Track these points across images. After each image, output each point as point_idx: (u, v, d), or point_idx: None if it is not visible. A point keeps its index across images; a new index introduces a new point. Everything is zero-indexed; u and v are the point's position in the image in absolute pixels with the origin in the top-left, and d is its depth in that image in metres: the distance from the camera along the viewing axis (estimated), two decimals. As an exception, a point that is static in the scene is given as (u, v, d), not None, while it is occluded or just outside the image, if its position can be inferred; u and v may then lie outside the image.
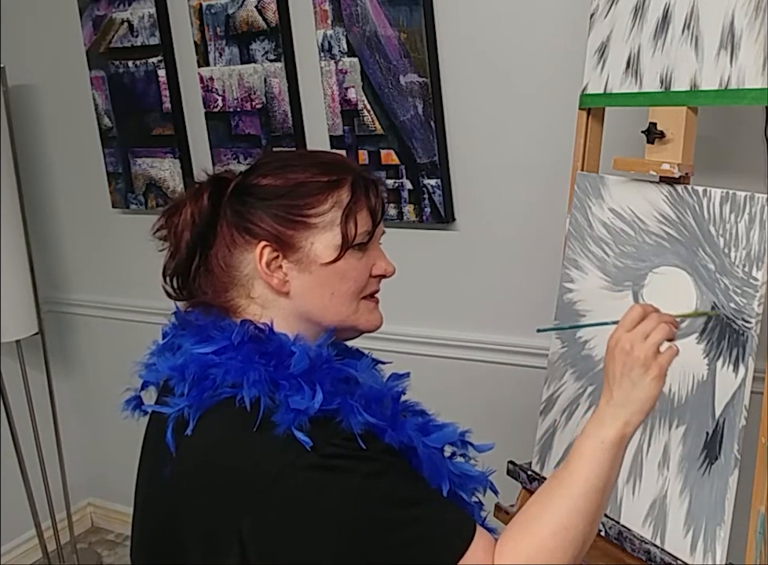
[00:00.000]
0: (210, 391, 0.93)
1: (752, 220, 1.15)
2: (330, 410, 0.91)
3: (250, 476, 0.89)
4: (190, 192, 1.03)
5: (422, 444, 0.97)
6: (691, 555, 1.19)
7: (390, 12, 1.86)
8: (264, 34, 2.06)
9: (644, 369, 0.98)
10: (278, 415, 0.89)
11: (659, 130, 1.27)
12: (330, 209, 1.00)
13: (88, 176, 2.55)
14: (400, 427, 0.97)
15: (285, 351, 0.96)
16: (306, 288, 1.00)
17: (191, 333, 0.99)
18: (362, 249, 1.02)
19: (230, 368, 0.93)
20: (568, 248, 1.48)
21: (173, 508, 0.97)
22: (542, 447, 1.50)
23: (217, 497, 0.92)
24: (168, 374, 0.98)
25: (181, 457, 0.95)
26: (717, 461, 1.18)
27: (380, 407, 0.96)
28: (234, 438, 0.93)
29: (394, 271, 1.07)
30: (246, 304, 1.01)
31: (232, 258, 1.01)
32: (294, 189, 0.99)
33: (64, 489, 2.64)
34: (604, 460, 0.95)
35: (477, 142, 1.88)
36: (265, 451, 0.90)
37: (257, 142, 2.15)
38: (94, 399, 2.82)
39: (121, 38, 2.31)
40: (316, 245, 0.99)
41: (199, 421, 0.93)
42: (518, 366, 1.92)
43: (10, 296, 2.37)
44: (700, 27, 1.24)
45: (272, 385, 0.92)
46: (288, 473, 0.88)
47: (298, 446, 0.88)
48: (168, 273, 1.04)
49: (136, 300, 2.54)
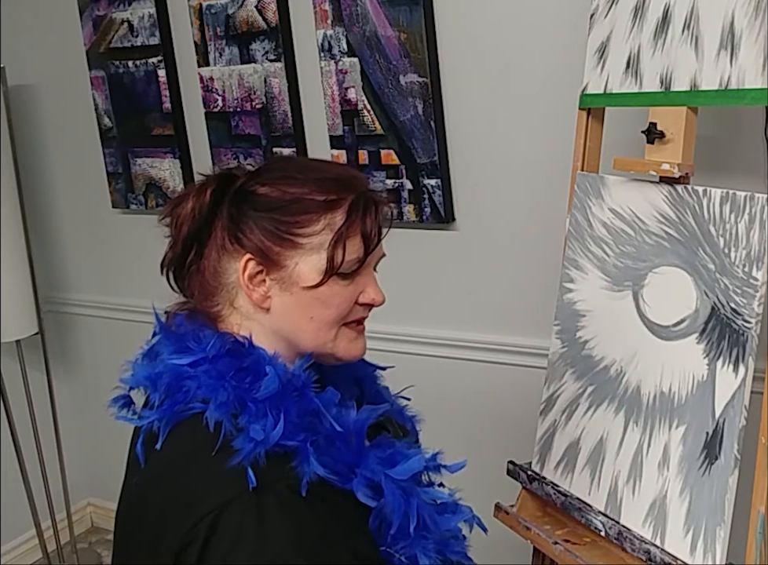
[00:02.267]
0: (182, 405, 0.92)
1: (752, 220, 1.15)
2: (289, 447, 0.89)
3: (196, 500, 0.88)
4: (195, 186, 1.00)
5: (385, 478, 0.93)
6: (691, 555, 1.19)
7: (390, 12, 1.86)
8: (264, 34, 2.06)
9: None
10: (238, 441, 0.88)
11: (659, 130, 1.27)
12: (321, 232, 0.95)
13: (88, 176, 2.55)
14: (364, 463, 0.92)
15: (261, 368, 0.93)
16: (286, 308, 0.97)
17: (169, 341, 0.98)
18: (350, 276, 0.98)
19: (202, 383, 0.91)
20: (568, 248, 1.47)
21: (137, 518, 0.96)
22: (542, 447, 1.50)
23: (164, 514, 0.91)
24: (143, 384, 0.97)
25: (148, 470, 0.95)
26: (717, 461, 1.18)
27: (344, 444, 0.92)
28: (192, 459, 0.92)
29: (383, 302, 1.01)
30: (229, 313, 0.99)
31: (220, 264, 0.98)
32: (288, 204, 0.96)
33: (63, 489, 2.64)
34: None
35: (477, 142, 1.88)
36: (214, 481, 0.88)
37: (257, 142, 2.15)
38: (94, 399, 2.82)
39: (121, 38, 2.31)
40: (301, 266, 0.95)
41: (168, 434, 0.93)
42: (518, 366, 1.92)
43: (10, 296, 2.37)
44: (700, 27, 1.24)
45: (239, 406, 0.90)
46: (224, 516, 0.86)
47: (244, 483, 0.86)
48: (165, 264, 1.03)
49: (136, 300, 2.53)
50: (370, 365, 1.16)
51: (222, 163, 2.22)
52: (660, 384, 1.29)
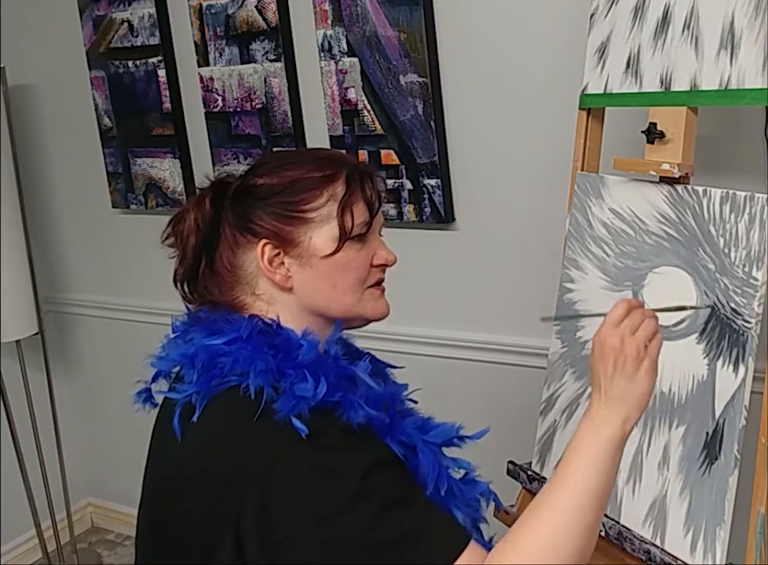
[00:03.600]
0: (218, 379, 0.95)
1: (752, 220, 1.15)
2: (332, 402, 0.93)
3: (245, 462, 0.91)
4: (193, 199, 1.06)
5: (421, 441, 0.98)
6: (691, 555, 1.19)
7: (390, 12, 1.86)
8: (264, 34, 2.06)
9: (637, 363, 0.97)
10: (279, 403, 0.91)
11: (659, 130, 1.27)
12: (326, 203, 1.02)
13: (88, 176, 2.55)
14: (399, 426, 0.97)
15: (293, 343, 0.98)
16: (309, 282, 1.02)
17: (201, 327, 1.02)
18: (361, 240, 1.04)
19: (238, 357, 0.95)
20: (568, 248, 1.48)
21: (175, 494, 0.98)
22: (542, 447, 1.50)
23: (214, 485, 0.93)
24: (179, 362, 1.00)
25: (185, 443, 0.97)
26: (717, 461, 1.18)
27: (379, 408, 0.97)
28: (234, 424, 0.94)
29: (395, 260, 1.08)
30: (252, 302, 1.03)
31: (235, 258, 1.03)
32: (290, 186, 1.02)
33: (63, 489, 2.64)
34: (604, 459, 0.94)
35: (477, 142, 1.88)
36: (261, 438, 0.92)
37: (257, 142, 2.15)
38: (94, 399, 2.82)
39: (121, 38, 2.31)
40: (315, 238, 1.01)
41: (204, 408, 0.95)
42: (518, 366, 1.92)
43: (10, 296, 2.37)
44: (700, 27, 1.24)
45: (277, 375, 0.94)
46: (280, 464, 0.89)
47: (294, 435, 0.89)
48: (178, 279, 1.07)
49: (136, 300, 2.54)
50: (381, 362, 1.18)
51: (222, 163, 2.23)
52: (659, 384, 1.29)
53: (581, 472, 0.93)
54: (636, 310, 1.01)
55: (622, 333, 0.98)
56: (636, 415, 0.97)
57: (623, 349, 0.97)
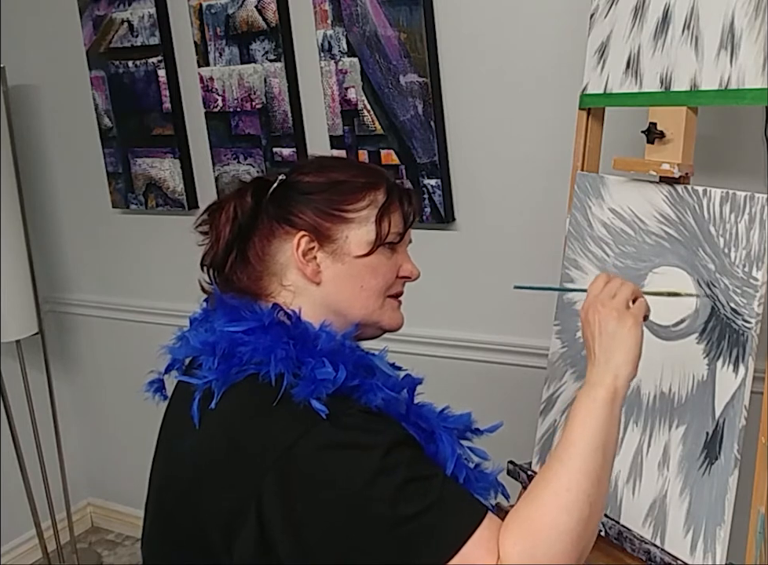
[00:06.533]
0: (237, 368, 0.97)
1: (752, 220, 1.15)
2: (350, 387, 0.95)
3: (267, 444, 0.92)
4: (234, 191, 1.09)
5: (441, 427, 1.02)
6: (691, 555, 1.19)
7: (390, 12, 1.86)
8: (264, 34, 2.06)
9: (618, 320, 1.01)
10: (299, 388, 0.93)
11: (659, 130, 1.27)
12: (367, 207, 1.07)
13: (88, 176, 2.55)
14: (417, 411, 1.01)
15: (310, 336, 1.00)
16: (338, 278, 1.06)
17: (223, 312, 1.04)
18: (392, 249, 1.09)
19: (258, 347, 0.97)
20: (568, 248, 1.48)
21: (192, 482, 0.99)
22: (542, 447, 1.50)
23: (235, 469, 0.94)
24: (199, 349, 1.02)
25: (203, 430, 0.98)
26: (717, 461, 1.18)
27: (397, 393, 1.00)
28: (254, 409, 0.96)
29: (419, 276, 1.13)
30: (278, 291, 1.06)
31: (270, 247, 1.06)
32: (335, 186, 1.07)
33: (63, 489, 2.64)
34: (599, 418, 0.96)
35: (477, 142, 1.88)
36: (282, 420, 0.93)
37: (257, 142, 2.15)
38: (94, 399, 2.82)
39: (121, 38, 2.31)
40: (351, 238, 1.06)
41: (222, 395, 0.97)
42: (518, 366, 1.92)
43: (10, 296, 2.37)
44: (700, 27, 1.24)
45: (297, 362, 0.96)
46: (302, 442, 0.91)
47: (314, 416, 0.91)
48: (206, 263, 1.09)
49: (136, 300, 2.53)
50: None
51: (222, 163, 2.23)
52: (660, 384, 1.29)
53: (577, 431, 0.96)
54: (615, 278, 1.06)
55: (602, 298, 1.04)
56: (626, 368, 1.00)
57: (603, 311, 1.02)
